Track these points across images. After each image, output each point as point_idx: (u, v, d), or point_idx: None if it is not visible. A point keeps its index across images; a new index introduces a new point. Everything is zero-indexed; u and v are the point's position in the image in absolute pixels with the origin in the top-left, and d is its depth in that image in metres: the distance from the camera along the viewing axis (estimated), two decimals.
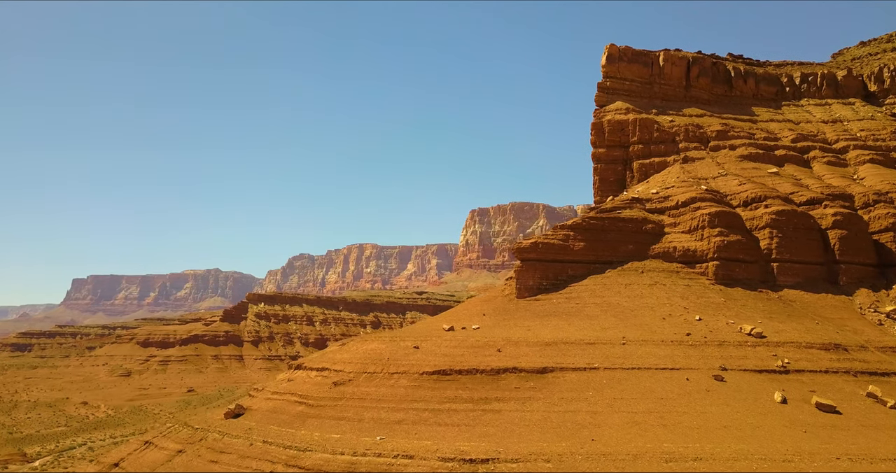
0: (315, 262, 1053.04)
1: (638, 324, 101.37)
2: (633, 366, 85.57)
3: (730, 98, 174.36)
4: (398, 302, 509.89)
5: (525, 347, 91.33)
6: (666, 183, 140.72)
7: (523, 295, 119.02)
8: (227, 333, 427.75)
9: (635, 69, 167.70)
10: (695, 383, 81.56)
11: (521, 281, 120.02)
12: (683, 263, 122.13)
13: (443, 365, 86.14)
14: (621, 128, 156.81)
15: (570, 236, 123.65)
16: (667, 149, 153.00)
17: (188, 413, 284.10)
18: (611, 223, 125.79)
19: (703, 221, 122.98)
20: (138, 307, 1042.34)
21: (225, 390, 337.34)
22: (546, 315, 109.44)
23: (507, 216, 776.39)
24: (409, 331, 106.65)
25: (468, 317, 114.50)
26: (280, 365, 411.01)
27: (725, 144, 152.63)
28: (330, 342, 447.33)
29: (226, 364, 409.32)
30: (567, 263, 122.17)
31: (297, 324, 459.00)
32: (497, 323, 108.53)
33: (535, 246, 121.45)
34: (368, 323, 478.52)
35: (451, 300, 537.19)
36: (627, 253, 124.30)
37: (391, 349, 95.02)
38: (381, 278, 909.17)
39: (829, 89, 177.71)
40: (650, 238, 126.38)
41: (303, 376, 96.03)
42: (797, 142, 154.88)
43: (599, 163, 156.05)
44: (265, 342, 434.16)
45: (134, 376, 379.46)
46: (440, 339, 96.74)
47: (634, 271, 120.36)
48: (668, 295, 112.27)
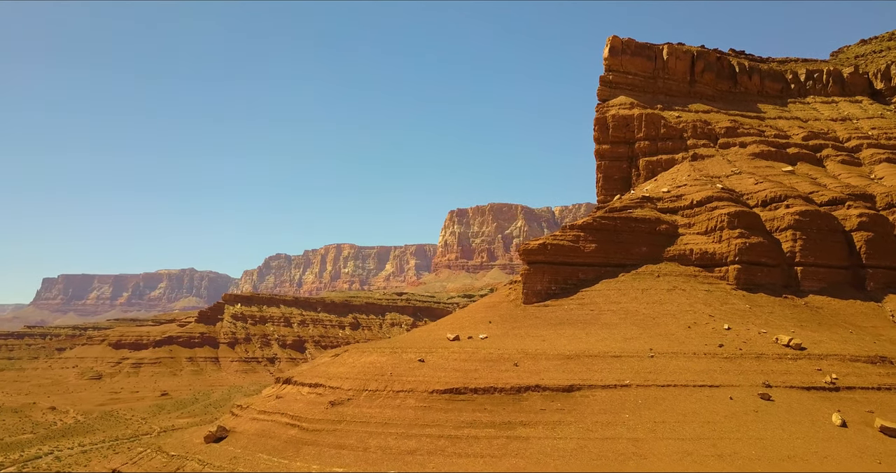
0: (292, 262, 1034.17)
1: (662, 334, 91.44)
2: (667, 383, 75.46)
3: (734, 94, 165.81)
4: (378, 304, 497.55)
5: (544, 361, 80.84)
6: (676, 181, 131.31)
7: (531, 301, 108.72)
8: (202, 335, 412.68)
9: (638, 63, 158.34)
10: (740, 403, 71.66)
11: (529, 286, 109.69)
12: (701, 267, 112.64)
13: (455, 381, 75.32)
14: (626, 123, 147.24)
15: (581, 237, 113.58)
16: (674, 145, 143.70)
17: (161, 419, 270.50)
18: (623, 223, 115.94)
19: (721, 222, 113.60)
20: (111, 307, 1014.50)
21: (200, 393, 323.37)
22: (559, 323, 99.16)
23: (485, 217, 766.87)
24: (409, 341, 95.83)
25: (472, 325, 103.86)
26: (257, 368, 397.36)
27: (735, 141, 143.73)
28: (308, 344, 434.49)
29: (201, 366, 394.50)
30: (577, 266, 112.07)
31: (274, 326, 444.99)
32: (506, 331, 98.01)
33: (543, 247, 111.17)
34: (347, 325, 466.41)
35: (431, 301, 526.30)
36: (641, 255, 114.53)
37: (393, 362, 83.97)
38: (358, 278, 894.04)
39: (836, 87, 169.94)
40: (664, 239, 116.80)
41: (293, 392, 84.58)
42: (808, 140, 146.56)
43: (603, 160, 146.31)
44: (242, 344, 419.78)
45: (105, 379, 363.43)
46: (447, 351, 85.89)
47: (650, 275, 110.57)
48: (689, 301, 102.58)
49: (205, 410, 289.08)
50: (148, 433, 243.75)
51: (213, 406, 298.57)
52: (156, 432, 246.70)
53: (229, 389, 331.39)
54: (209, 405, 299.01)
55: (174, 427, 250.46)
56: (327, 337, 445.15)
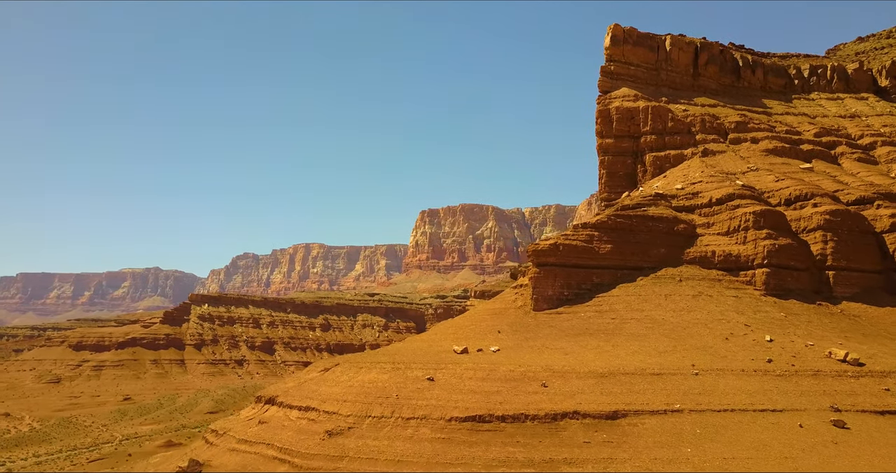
0: (260, 262, 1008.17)
1: (699, 347, 79.82)
2: (723, 407, 63.64)
3: (737, 89, 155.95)
4: (349, 304, 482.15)
5: (576, 380, 68.50)
6: (689, 178, 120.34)
7: (541, 308, 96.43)
8: (167, 336, 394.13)
9: (641, 53, 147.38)
10: (813, 432, 60.12)
11: (539, 291, 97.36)
12: (724, 270, 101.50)
13: (476, 407, 62.54)
14: (631, 116, 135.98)
15: (595, 237, 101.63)
16: (683, 140, 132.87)
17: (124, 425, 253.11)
18: (639, 222, 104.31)
19: (745, 222, 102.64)
20: (72, 307, 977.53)
21: (165, 398, 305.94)
22: (578, 333, 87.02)
23: (456, 217, 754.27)
24: (410, 354, 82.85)
25: (479, 335, 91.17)
26: (225, 370, 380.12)
27: (746, 137, 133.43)
28: (277, 346, 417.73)
29: (166, 369, 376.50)
30: (591, 269, 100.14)
31: (242, 327, 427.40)
32: (519, 343, 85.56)
33: (554, 248, 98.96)
34: (318, 326, 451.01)
35: (403, 302, 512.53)
36: (659, 257, 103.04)
37: (397, 381, 70.88)
38: (328, 278, 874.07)
39: (840, 83, 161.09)
40: (682, 240, 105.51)
41: (279, 417, 70.93)
42: (821, 137, 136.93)
43: (606, 155, 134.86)
44: (209, 345, 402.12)
45: (64, 383, 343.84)
46: (458, 368, 73.05)
47: (671, 279, 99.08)
48: (719, 308, 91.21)
49: (170, 416, 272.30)
50: (109, 441, 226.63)
51: (178, 411, 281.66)
52: (117, 440, 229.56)
53: (196, 393, 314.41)
54: (174, 410, 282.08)
55: (137, 435, 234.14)
56: (297, 339, 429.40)
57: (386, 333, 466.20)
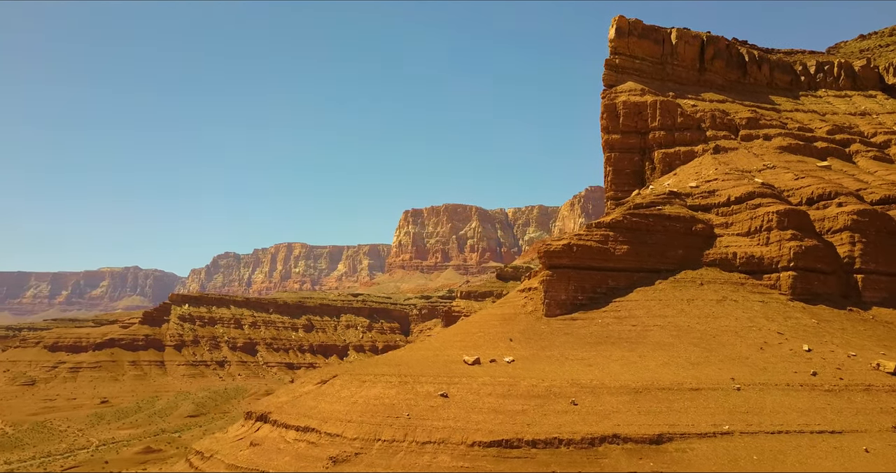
0: (241, 261, 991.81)
1: (733, 357, 72.47)
2: (777, 429, 56.18)
3: (744, 85, 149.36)
4: (332, 305, 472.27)
5: (608, 396, 60.75)
6: (702, 175, 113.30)
7: (554, 313, 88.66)
8: (147, 337, 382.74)
9: (646, 46, 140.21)
10: (882, 457, 52.78)
11: (551, 295, 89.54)
12: (746, 273, 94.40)
13: (501, 429, 54.56)
14: (638, 111, 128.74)
15: (610, 237, 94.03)
16: (693, 136, 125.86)
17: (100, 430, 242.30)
18: (656, 222, 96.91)
19: (768, 222, 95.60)
20: (48, 306, 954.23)
21: (144, 401, 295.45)
22: (598, 342, 79.37)
23: (440, 217, 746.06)
24: (417, 365, 74.73)
25: (489, 343, 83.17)
26: (206, 372, 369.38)
27: (758, 134, 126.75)
28: (259, 347, 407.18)
29: (145, 370, 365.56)
30: (607, 272, 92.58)
31: (224, 327, 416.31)
32: (535, 352, 77.72)
33: (568, 249, 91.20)
34: (301, 327, 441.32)
35: (387, 302, 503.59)
36: (677, 259, 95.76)
37: (407, 398, 62.66)
38: (310, 278, 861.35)
39: (847, 80, 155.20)
40: (700, 241, 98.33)
41: (274, 437, 62.40)
42: (834, 135, 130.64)
43: (613, 152, 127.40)
44: (189, 346, 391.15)
45: (39, 385, 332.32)
46: (474, 382, 65.03)
47: (691, 282, 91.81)
48: (747, 314, 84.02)
49: (149, 420, 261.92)
50: (85, 447, 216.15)
51: (157, 414, 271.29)
52: (94, 446, 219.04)
53: (176, 395, 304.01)
54: (153, 414, 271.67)
55: (114, 441, 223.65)
56: (280, 340, 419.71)
57: (370, 334, 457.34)
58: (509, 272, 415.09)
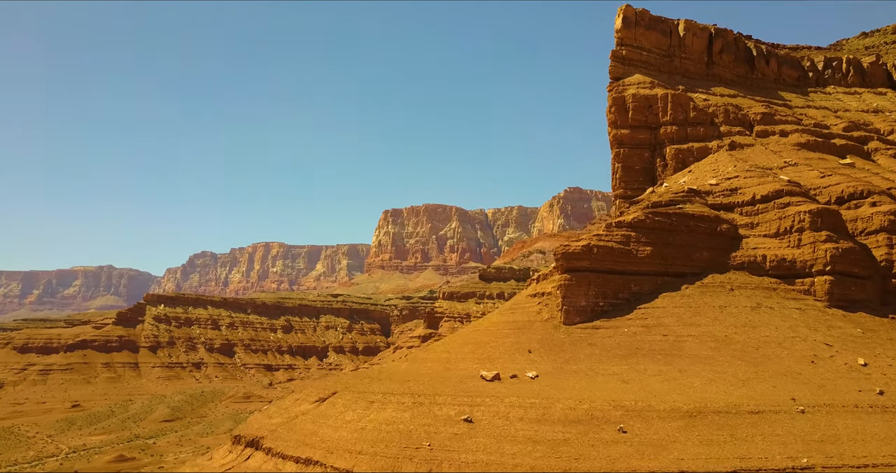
0: (218, 261, 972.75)
1: (785, 373, 64.10)
2: (862, 462, 47.80)
3: (751, 80, 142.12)
4: (311, 305, 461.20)
5: (658, 422, 51.97)
6: (720, 172, 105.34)
7: (573, 321, 79.83)
8: (120, 338, 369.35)
9: (653, 37, 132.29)
10: None
11: (570, 301, 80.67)
12: (777, 278, 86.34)
13: (543, 464, 45.51)
14: (648, 104, 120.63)
15: (632, 238, 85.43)
16: (706, 132, 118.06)
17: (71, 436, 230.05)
18: (679, 222, 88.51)
19: (799, 222, 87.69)
20: (19, 306, 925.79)
21: (117, 405, 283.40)
22: (628, 354, 70.63)
23: (420, 217, 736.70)
24: (429, 381, 65.42)
25: (506, 355, 74.05)
26: (182, 374, 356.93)
27: (774, 130, 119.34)
28: (237, 348, 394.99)
29: (119, 373, 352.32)
30: (629, 275, 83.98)
31: (201, 328, 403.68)
32: (559, 366, 68.79)
33: (587, 250, 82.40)
34: (279, 328, 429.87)
35: (367, 303, 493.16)
36: (703, 262, 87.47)
37: (424, 423, 53.36)
38: (287, 278, 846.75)
39: (856, 77, 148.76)
40: (726, 242, 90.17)
41: (268, 470, 52.67)
42: (850, 132, 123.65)
43: (622, 148, 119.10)
44: (165, 348, 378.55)
45: (7, 388, 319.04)
46: (500, 404, 55.91)
47: (720, 287, 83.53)
48: (787, 323, 75.88)
49: (122, 425, 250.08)
50: (54, 454, 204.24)
51: (131, 419, 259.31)
52: (63, 453, 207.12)
53: (151, 399, 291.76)
54: (127, 419, 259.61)
55: (85, 448, 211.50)
56: (258, 341, 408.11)
57: (350, 335, 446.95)
58: (492, 273, 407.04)
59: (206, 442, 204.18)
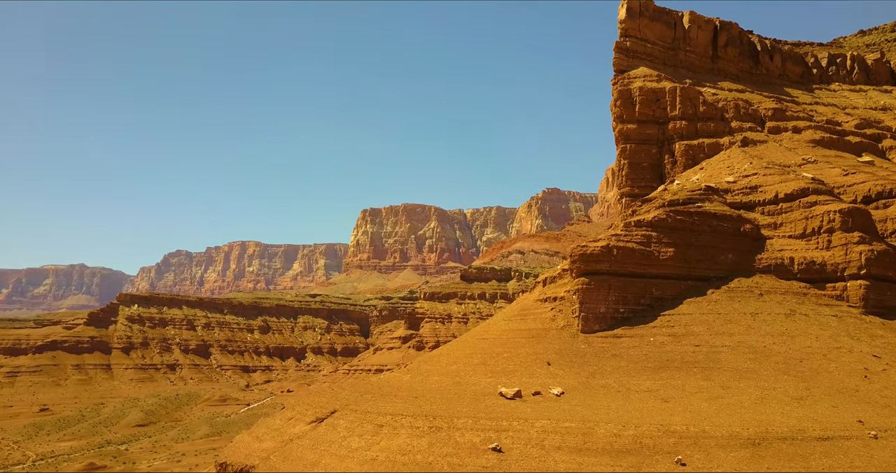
0: (193, 260, 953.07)
1: (839, 389, 56.91)
2: None
3: (756, 75, 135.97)
4: (289, 305, 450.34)
5: (719, 451, 44.30)
6: (735, 169, 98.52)
7: (592, 329, 72.18)
8: (92, 339, 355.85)
9: (658, 29, 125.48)
10: None
11: (589, 307, 73.00)
12: (806, 282, 79.48)
13: None
14: (655, 98, 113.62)
15: (653, 238, 78.04)
16: (717, 127, 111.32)
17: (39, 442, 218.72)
18: (702, 221, 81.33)
19: (829, 222, 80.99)
20: None
21: (88, 408, 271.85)
22: (659, 366, 63.06)
23: (399, 217, 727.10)
24: (441, 398, 57.30)
25: (522, 367, 66.10)
26: (156, 376, 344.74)
27: (786, 126, 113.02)
28: (213, 349, 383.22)
29: (90, 375, 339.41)
30: (650, 279, 76.58)
31: (175, 329, 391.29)
32: (585, 381, 61.00)
33: (607, 251, 74.79)
34: (256, 328, 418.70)
35: (346, 303, 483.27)
36: (728, 264, 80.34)
37: (446, 452, 45.21)
38: (264, 278, 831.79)
39: (861, 74, 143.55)
40: (749, 243, 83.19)
41: None
42: (863, 129, 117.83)
43: (629, 143, 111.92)
44: (138, 349, 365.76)
45: None
46: (531, 428, 47.93)
47: (748, 292, 76.40)
48: (826, 332, 68.92)
49: (93, 430, 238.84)
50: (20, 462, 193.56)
51: (102, 424, 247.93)
52: (30, 460, 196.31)
53: (123, 402, 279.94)
54: (98, 423, 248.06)
55: (53, 455, 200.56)
56: (235, 342, 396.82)
57: (329, 335, 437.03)
58: (473, 273, 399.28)
59: (181, 449, 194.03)
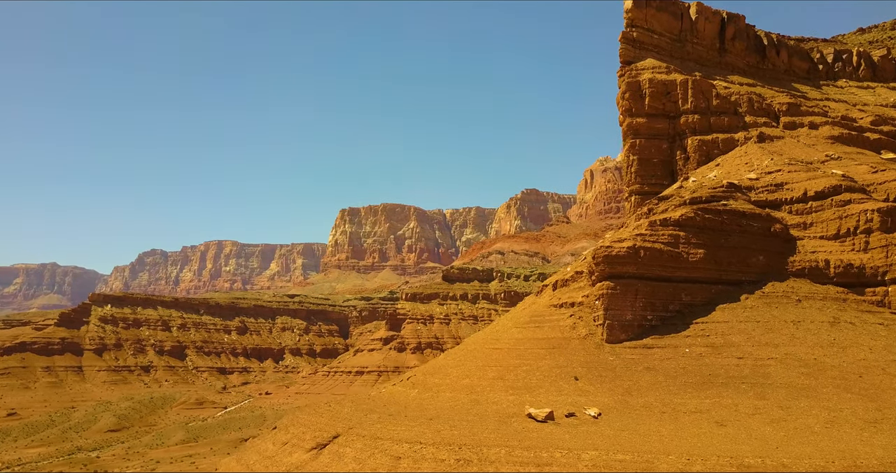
0: (168, 259, 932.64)
1: None
2: None
3: (762, 70, 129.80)
4: (267, 306, 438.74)
5: None
6: (755, 166, 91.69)
7: (618, 338, 64.52)
8: (63, 340, 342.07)
9: (664, 20, 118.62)
10: None
11: (615, 314, 65.32)
12: (843, 286, 72.71)
13: None
14: (666, 91, 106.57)
15: (681, 238, 70.64)
16: (731, 122, 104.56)
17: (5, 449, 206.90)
18: (731, 220, 74.16)
19: (866, 222, 74.36)
20: None
21: (58, 413, 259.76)
22: (702, 381, 55.52)
23: (378, 217, 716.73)
24: (459, 418, 49.23)
25: (547, 382, 58.14)
26: (129, 378, 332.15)
27: (802, 121, 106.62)
28: (189, 350, 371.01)
29: (61, 377, 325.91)
30: (679, 283, 69.16)
31: (150, 330, 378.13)
32: (621, 399, 53.27)
33: (633, 253, 67.19)
34: (234, 329, 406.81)
35: (325, 304, 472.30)
36: (759, 267, 73.24)
37: None
38: (241, 277, 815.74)
39: (867, 70, 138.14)
40: (780, 244, 76.26)
41: None
42: (878, 126, 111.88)
43: (638, 138, 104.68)
44: (111, 350, 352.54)
45: None
46: (577, 462, 40.06)
47: (784, 298, 69.32)
48: (879, 342, 61.84)
49: (63, 436, 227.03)
50: None
51: (73, 429, 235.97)
52: None
53: (95, 406, 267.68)
54: (68, 429, 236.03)
55: (20, 462, 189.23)
56: (211, 343, 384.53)
57: (307, 337, 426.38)
58: (455, 273, 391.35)
59: (155, 455, 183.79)
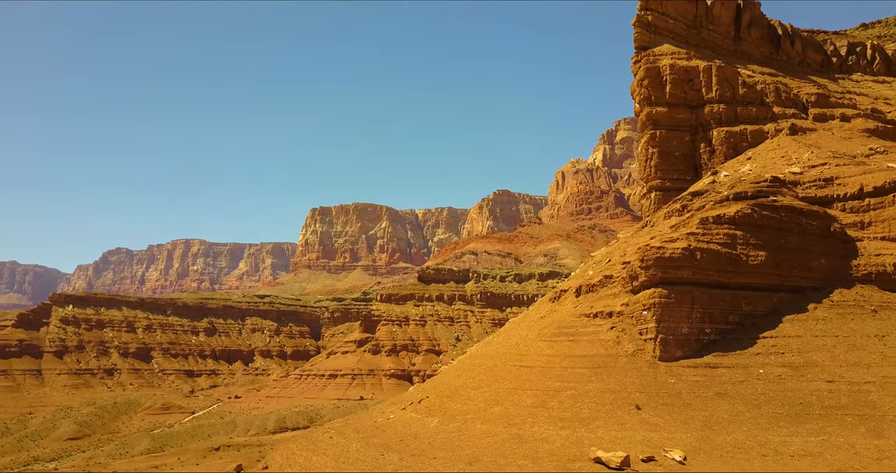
0: (134, 258, 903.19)
1: None
2: None
3: (777, 61, 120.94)
4: (237, 307, 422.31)
5: None
6: (794, 159, 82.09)
7: (674, 355, 53.78)
8: (21, 342, 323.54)
9: (679, 4, 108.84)
10: None
11: (668, 326, 54.57)
12: None
13: None
14: (688, 78, 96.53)
15: (738, 238, 60.21)
16: (759, 113, 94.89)
17: None
18: (790, 218, 64.09)
19: None
20: None
21: (14, 420, 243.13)
22: (795, 413, 45.02)
23: (349, 216, 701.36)
24: (508, 459, 38.15)
25: (601, 412, 47.13)
26: (92, 381, 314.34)
27: (833, 113, 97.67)
28: (155, 352, 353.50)
29: (18, 381, 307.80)
30: (737, 290, 58.69)
31: (114, 331, 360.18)
32: (704, 436, 42.45)
33: (689, 255, 56.52)
34: (202, 330, 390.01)
35: (297, 304, 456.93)
36: (821, 271, 63.23)
37: None
38: (209, 277, 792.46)
39: (882, 64, 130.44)
40: (839, 246, 66.47)
41: None
42: None
43: (658, 129, 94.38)
44: (73, 353, 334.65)
45: None
46: None
47: (856, 307, 59.35)
48: None
49: (18, 445, 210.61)
50: None
51: (30, 438, 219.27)
52: None
53: (55, 412, 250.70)
54: (25, 437, 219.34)
55: None
56: (178, 344, 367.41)
57: (278, 338, 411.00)
58: (431, 274, 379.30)
59: (118, 466, 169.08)
